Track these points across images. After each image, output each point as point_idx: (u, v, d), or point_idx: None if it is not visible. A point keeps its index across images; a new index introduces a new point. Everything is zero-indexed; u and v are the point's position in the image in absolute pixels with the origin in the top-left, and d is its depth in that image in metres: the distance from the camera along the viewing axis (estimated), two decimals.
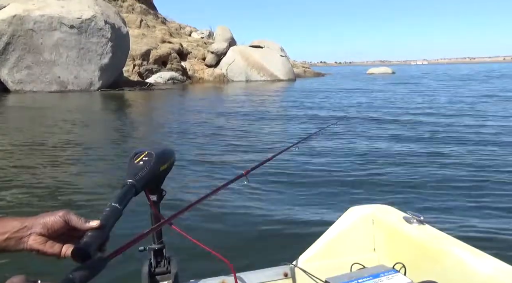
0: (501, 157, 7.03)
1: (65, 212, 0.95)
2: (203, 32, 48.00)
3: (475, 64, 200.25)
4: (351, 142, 8.80)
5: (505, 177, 5.83)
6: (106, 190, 5.65)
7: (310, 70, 54.12)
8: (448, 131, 9.82)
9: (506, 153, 7.38)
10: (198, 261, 2.51)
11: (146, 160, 1.18)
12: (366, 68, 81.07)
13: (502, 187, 5.39)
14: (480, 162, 6.78)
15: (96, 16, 25.94)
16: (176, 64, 36.72)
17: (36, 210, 4.69)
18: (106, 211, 0.99)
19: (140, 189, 1.13)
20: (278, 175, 6.13)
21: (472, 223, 4.23)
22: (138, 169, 1.15)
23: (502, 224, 4.19)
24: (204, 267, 2.12)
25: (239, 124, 12.18)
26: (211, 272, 1.60)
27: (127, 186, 1.09)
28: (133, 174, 1.13)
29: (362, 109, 15.34)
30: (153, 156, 1.19)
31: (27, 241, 0.91)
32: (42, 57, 25.16)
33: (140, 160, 1.18)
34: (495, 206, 4.72)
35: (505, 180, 5.69)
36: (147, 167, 1.16)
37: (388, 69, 65.12)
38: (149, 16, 42.71)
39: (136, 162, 1.17)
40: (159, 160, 1.20)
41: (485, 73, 55.45)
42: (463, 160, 6.88)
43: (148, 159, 1.18)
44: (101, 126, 12.80)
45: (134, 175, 1.13)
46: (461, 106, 15.56)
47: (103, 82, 26.79)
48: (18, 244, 0.91)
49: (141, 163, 1.17)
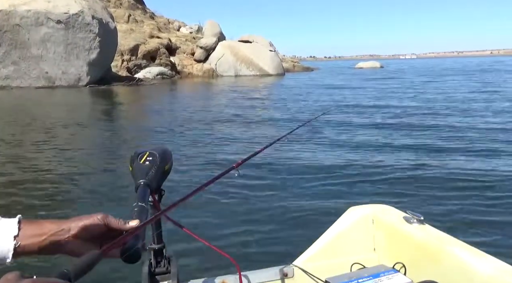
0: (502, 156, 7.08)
1: (104, 215, 0.95)
2: (192, 27, 47.74)
3: (463, 57, 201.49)
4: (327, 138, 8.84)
5: (505, 176, 5.87)
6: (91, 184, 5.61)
7: (299, 65, 54.14)
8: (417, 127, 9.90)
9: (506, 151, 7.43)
10: (198, 258, 2.51)
11: (151, 160, 1.18)
12: (355, 62, 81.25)
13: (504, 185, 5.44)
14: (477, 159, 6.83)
15: (83, 11, 25.69)
16: (165, 59, 36.51)
17: (18, 208, 4.66)
18: (137, 211, 1.00)
19: (154, 188, 1.13)
20: (273, 171, 6.13)
21: (472, 221, 4.27)
22: (147, 169, 1.16)
23: (503, 222, 4.23)
24: (203, 266, 2.12)
25: (228, 119, 12.20)
26: (212, 272, 1.60)
27: (143, 186, 1.10)
28: (144, 174, 1.14)
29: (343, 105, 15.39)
30: (157, 156, 1.20)
31: (65, 244, 0.92)
32: (29, 53, 24.89)
33: (145, 160, 1.18)
34: (495, 204, 4.77)
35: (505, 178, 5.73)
36: (154, 166, 1.17)
37: (376, 63, 65.34)
38: (137, 11, 42.37)
39: (142, 163, 1.17)
40: (163, 159, 1.21)
41: (470, 66, 55.80)
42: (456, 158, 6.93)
43: (153, 159, 1.19)
44: (88, 122, 12.68)
45: (146, 174, 1.13)
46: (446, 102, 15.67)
47: (91, 78, 26.58)
48: (56, 247, 0.92)
49: (147, 163, 1.17)
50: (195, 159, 7.16)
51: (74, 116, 13.62)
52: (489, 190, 5.26)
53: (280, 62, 41.78)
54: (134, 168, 1.17)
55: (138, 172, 1.15)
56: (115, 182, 5.98)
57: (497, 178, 5.76)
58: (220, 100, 18.31)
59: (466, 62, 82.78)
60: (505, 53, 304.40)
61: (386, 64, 73.69)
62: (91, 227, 0.93)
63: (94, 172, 6.60)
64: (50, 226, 0.92)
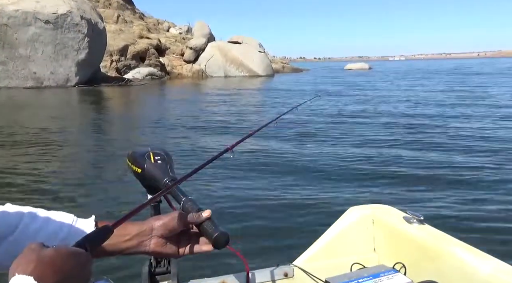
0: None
1: (180, 212, 1.00)
2: (181, 28, 47.60)
3: (450, 59, 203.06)
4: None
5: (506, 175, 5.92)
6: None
7: (288, 66, 54.20)
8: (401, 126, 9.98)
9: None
10: (198, 258, 2.49)
11: (161, 158, 1.19)
12: (344, 63, 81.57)
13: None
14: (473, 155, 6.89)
15: (71, 11, 25.51)
16: (154, 59, 36.36)
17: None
18: (191, 205, 1.06)
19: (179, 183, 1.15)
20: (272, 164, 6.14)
21: (472, 221, 4.30)
22: (164, 166, 1.17)
23: (503, 222, 4.26)
24: (203, 266, 2.12)
25: (216, 115, 12.24)
26: (212, 272, 1.59)
27: (174, 182, 1.10)
28: (166, 171, 1.15)
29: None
30: (161, 153, 1.21)
31: (149, 244, 0.97)
32: (17, 53, 24.66)
33: (155, 160, 1.18)
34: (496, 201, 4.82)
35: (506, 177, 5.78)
36: (168, 163, 1.19)
37: (365, 64, 65.62)
38: (126, 11, 42.16)
39: (155, 163, 1.18)
40: (167, 154, 1.22)
41: (456, 68, 56.30)
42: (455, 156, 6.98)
43: (161, 157, 1.20)
44: (77, 123, 12.60)
45: (170, 171, 1.16)
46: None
47: (80, 78, 26.40)
48: (139, 247, 0.96)
49: (159, 162, 1.18)
50: (185, 156, 7.15)
51: (61, 116, 13.53)
52: (489, 190, 5.29)
53: (269, 63, 41.82)
54: (150, 169, 1.17)
55: (159, 171, 1.16)
56: (104, 182, 5.96)
57: (497, 178, 5.79)
58: (210, 100, 18.33)
59: (456, 63, 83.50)
60: (492, 55, 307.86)
61: (374, 65, 74.02)
62: (171, 225, 0.97)
63: (81, 174, 6.57)
64: (132, 227, 0.96)
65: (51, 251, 0.63)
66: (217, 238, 0.96)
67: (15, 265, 0.60)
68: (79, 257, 0.66)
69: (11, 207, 0.92)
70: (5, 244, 0.87)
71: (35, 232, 0.90)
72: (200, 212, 1.00)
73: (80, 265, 0.65)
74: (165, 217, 0.98)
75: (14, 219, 0.90)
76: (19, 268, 0.59)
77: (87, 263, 0.67)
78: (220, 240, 0.96)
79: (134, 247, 0.95)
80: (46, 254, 0.62)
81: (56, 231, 0.92)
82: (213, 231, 0.96)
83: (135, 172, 1.20)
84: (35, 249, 0.63)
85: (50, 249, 0.63)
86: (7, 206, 0.93)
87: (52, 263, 0.61)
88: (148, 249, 0.97)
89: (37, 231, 0.91)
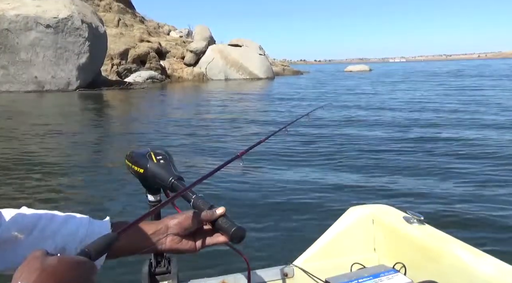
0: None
1: (193, 211, 1.02)
2: (181, 31, 47.70)
3: (451, 60, 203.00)
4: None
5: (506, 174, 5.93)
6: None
7: (289, 68, 54.26)
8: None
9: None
10: (198, 258, 2.50)
11: (163, 157, 1.19)
12: (345, 65, 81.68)
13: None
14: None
15: (72, 15, 25.57)
16: (155, 63, 36.42)
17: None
18: (203, 202, 1.05)
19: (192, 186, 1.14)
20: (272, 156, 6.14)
21: (472, 221, 4.29)
22: (167, 165, 1.17)
23: (504, 222, 4.26)
24: (203, 266, 2.12)
25: (219, 120, 12.22)
26: (212, 272, 1.59)
27: (189, 185, 1.09)
28: (170, 170, 1.15)
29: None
30: (162, 153, 1.20)
31: (165, 242, 0.99)
32: (18, 57, 24.72)
33: (157, 159, 1.17)
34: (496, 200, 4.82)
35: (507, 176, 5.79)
36: (171, 163, 1.18)
37: (366, 66, 65.75)
38: (127, 15, 42.22)
39: (158, 162, 1.17)
40: (168, 154, 1.22)
41: (453, 71, 56.24)
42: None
43: (163, 156, 1.19)
44: (76, 126, 12.59)
45: (174, 170, 1.15)
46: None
47: (81, 82, 26.43)
48: (156, 245, 0.99)
49: (162, 161, 1.17)
50: (189, 160, 7.16)
51: (62, 120, 13.55)
52: (489, 190, 5.29)
53: (269, 65, 41.87)
54: (153, 169, 1.16)
55: (162, 170, 1.15)
56: (102, 183, 5.96)
57: (497, 178, 5.80)
58: (211, 102, 18.33)
59: (455, 65, 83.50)
60: (492, 56, 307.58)
61: (375, 67, 74.08)
62: (186, 223, 1.00)
63: (82, 175, 6.57)
64: (148, 227, 0.99)
65: (55, 259, 0.62)
66: (234, 233, 0.99)
67: (18, 273, 0.60)
68: (83, 266, 0.65)
69: (27, 210, 0.93)
70: (23, 244, 0.87)
71: (54, 233, 0.91)
72: (214, 209, 1.01)
73: (84, 274, 0.64)
74: (180, 216, 1.01)
75: (31, 220, 0.91)
76: (22, 276, 0.59)
77: (91, 272, 0.66)
78: (238, 235, 0.99)
79: (150, 246, 0.98)
80: (49, 263, 0.61)
81: (74, 232, 0.93)
82: (230, 226, 0.99)
83: (137, 173, 1.18)
84: (39, 257, 0.62)
85: (53, 258, 0.63)
86: (23, 209, 0.93)
87: (55, 272, 0.60)
88: (164, 247, 0.99)
89: (55, 232, 0.91)
